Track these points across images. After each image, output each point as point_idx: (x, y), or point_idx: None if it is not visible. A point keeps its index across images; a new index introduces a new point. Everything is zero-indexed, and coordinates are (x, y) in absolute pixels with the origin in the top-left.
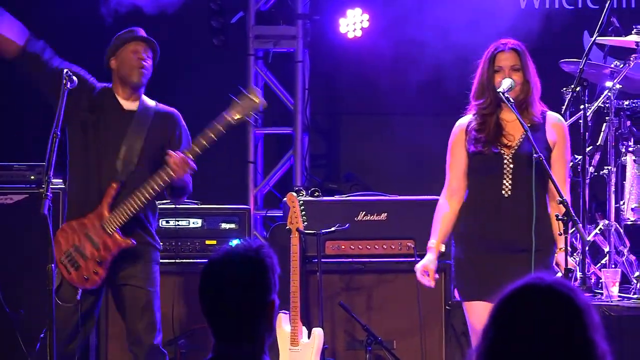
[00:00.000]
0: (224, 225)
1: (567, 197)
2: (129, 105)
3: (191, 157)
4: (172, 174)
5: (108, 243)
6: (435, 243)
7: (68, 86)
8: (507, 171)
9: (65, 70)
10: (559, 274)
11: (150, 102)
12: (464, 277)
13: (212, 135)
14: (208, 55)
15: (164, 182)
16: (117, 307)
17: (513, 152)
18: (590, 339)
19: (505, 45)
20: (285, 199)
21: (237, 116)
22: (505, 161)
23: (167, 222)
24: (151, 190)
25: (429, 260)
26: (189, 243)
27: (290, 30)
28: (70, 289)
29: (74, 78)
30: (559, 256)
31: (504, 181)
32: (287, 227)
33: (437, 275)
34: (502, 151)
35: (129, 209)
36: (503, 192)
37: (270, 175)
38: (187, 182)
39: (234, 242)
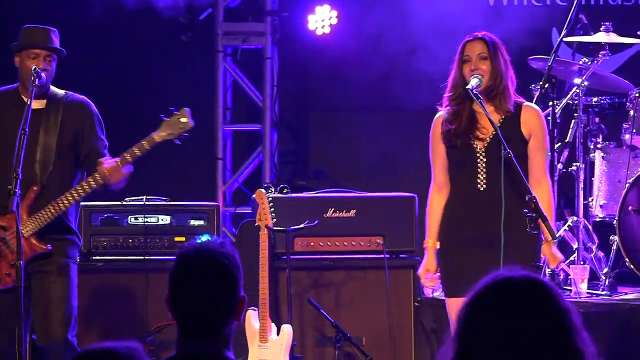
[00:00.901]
0: (192, 222)
1: (549, 186)
2: (35, 104)
3: (120, 165)
4: (100, 181)
5: (24, 247)
6: (431, 242)
7: (37, 83)
8: (481, 165)
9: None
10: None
11: (59, 93)
12: (445, 273)
13: (137, 151)
14: (176, 52)
15: (90, 189)
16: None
17: (486, 145)
18: (563, 324)
19: (474, 36)
20: (254, 195)
21: (164, 135)
22: (478, 155)
23: (136, 218)
24: (75, 196)
25: (428, 261)
26: (157, 240)
27: (258, 27)
28: None
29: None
30: (548, 248)
31: (479, 175)
32: (256, 224)
33: (437, 274)
34: (475, 144)
35: (48, 214)
36: (478, 186)
37: (239, 172)
38: (123, 181)
39: (203, 238)
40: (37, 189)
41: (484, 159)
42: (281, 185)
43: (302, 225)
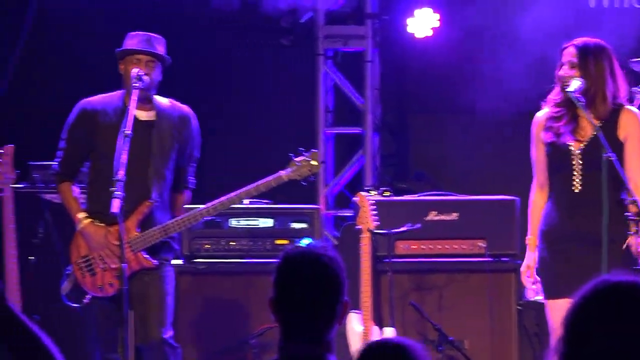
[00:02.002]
0: (294, 225)
1: None
2: (143, 115)
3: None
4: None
5: (130, 259)
6: (533, 239)
7: (139, 86)
8: (577, 167)
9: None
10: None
11: (164, 103)
12: (545, 275)
13: (263, 189)
14: (277, 55)
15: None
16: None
17: (582, 147)
18: None
19: (571, 42)
20: (355, 198)
21: (292, 176)
22: (575, 157)
23: (238, 221)
24: (187, 224)
25: (530, 259)
26: (259, 243)
27: (359, 30)
28: (79, 290)
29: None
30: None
31: (574, 177)
32: (358, 227)
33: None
34: (573, 146)
35: (157, 236)
36: (573, 187)
37: (340, 175)
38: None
39: (305, 241)
40: (150, 204)
41: (580, 161)
42: (383, 188)
43: (404, 228)
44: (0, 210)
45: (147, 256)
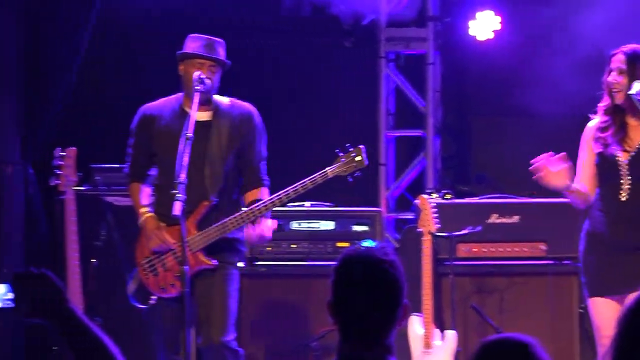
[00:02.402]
0: (356, 228)
1: None
2: (201, 115)
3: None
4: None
5: (190, 260)
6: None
7: (200, 89)
8: (625, 176)
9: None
10: None
11: (224, 102)
12: (588, 273)
13: (310, 185)
14: (339, 58)
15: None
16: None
17: (630, 158)
18: None
19: (620, 48)
20: (417, 201)
21: (338, 172)
22: (622, 166)
23: (299, 224)
24: (240, 222)
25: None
26: (320, 245)
27: (421, 33)
28: (146, 292)
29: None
30: None
31: (621, 186)
32: (419, 230)
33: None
34: (621, 155)
35: (216, 234)
36: (620, 196)
37: (401, 178)
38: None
39: (366, 243)
40: (208, 204)
41: (628, 172)
42: (444, 191)
43: (465, 231)
44: (63, 212)
45: (206, 257)
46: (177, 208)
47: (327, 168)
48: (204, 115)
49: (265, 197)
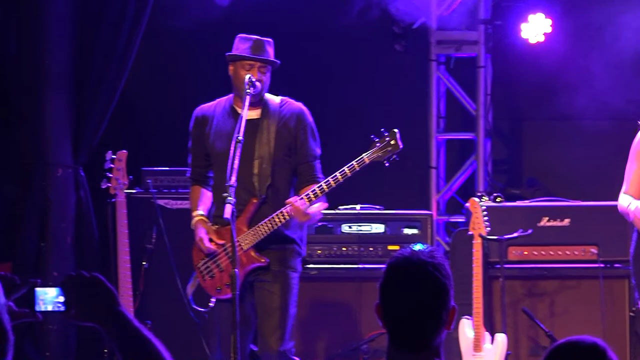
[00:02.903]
0: (406, 231)
1: None
2: (250, 114)
3: (312, 199)
4: (288, 218)
5: (242, 258)
6: None
7: (251, 91)
8: None
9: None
10: None
11: (274, 101)
12: None
13: (348, 173)
14: (390, 61)
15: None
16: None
17: None
18: None
19: None
20: (467, 204)
21: (374, 157)
22: None
23: (350, 227)
24: (286, 216)
25: None
26: (371, 248)
27: (472, 36)
28: (204, 294)
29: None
30: None
31: None
32: (470, 233)
33: None
34: None
35: (265, 229)
36: None
37: (452, 181)
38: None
39: (417, 246)
40: (257, 202)
41: None
42: (495, 194)
43: (516, 234)
44: (114, 215)
45: (257, 255)
46: (228, 211)
47: (363, 154)
48: (253, 114)
49: None
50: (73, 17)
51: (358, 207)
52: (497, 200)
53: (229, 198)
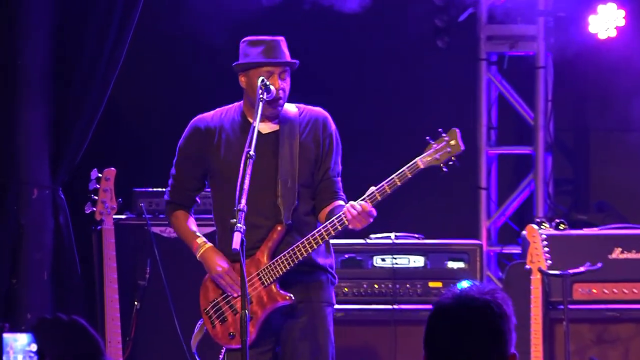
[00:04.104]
0: (450, 264)
1: None
2: (267, 126)
3: (370, 205)
4: (346, 224)
5: (263, 297)
6: None
7: (265, 97)
8: None
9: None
10: None
11: (292, 110)
12: None
13: (398, 182)
14: (431, 60)
15: (335, 231)
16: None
17: None
18: None
19: None
20: (524, 232)
21: (429, 160)
22: None
23: (383, 260)
24: (319, 240)
25: None
26: (408, 285)
27: (529, 30)
28: (213, 346)
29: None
30: None
31: None
32: (527, 267)
33: None
34: None
35: (286, 264)
36: None
37: (506, 204)
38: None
39: (464, 284)
40: (282, 229)
41: None
42: (557, 220)
43: (582, 269)
44: (100, 245)
45: (281, 292)
46: (237, 240)
47: (416, 158)
48: (270, 127)
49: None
50: (54, 20)
51: (393, 235)
52: (559, 227)
53: (238, 225)
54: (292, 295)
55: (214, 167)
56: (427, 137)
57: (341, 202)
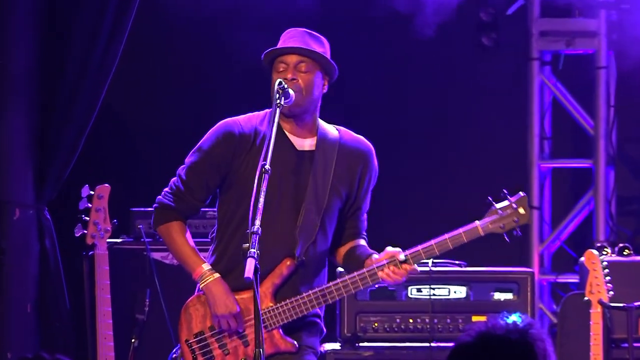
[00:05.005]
0: (497, 296)
1: None
2: (303, 142)
3: (414, 266)
4: (379, 280)
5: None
6: None
7: (282, 102)
8: None
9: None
10: None
11: (331, 131)
12: None
13: (450, 245)
14: (475, 59)
15: (365, 286)
16: None
17: None
18: None
19: None
20: (582, 258)
21: (492, 228)
22: None
23: (419, 290)
24: (343, 292)
25: None
26: (448, 320)
27: (588, 25)
28: None
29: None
30: None
31: None
32: (586, 298)
33: None
34: None
35: (305, 308)
36: None
37: (561, 227)
38: None
39: (513, 318)
40: (291, 265)
41: None
42: (621, 245)
43: None
44: (92, 273)
45: (285, 338)
46: (250, 268)
47: (477, 222)
48: (306, 144)
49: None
50: (41, 22)
51: (430, 262)
52: (623, 253)
53: (252, 250)
54: (296, 344)
55: (231, 179)
56: (489, 198)
57: (363, 242)
